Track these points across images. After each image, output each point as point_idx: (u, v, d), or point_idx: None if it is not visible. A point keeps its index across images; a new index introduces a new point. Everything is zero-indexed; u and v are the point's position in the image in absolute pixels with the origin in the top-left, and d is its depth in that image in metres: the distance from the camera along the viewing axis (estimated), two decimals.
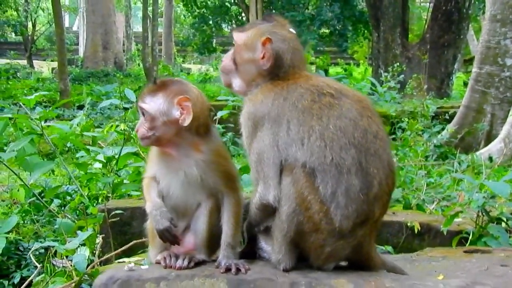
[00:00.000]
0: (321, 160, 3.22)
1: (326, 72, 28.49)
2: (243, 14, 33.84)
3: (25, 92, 21.72)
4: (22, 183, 6.87)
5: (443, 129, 13.52)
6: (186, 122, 3.38)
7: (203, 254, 3.51)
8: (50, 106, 13.65)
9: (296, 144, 3.26)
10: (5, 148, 7.97)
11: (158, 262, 3.50)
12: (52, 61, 33.85)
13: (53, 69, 31.06)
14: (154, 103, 3.43)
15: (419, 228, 5.54)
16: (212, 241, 3.50)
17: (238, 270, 3.30)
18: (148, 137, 3.45)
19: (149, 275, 3.33)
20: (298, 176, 3.24)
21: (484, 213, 5.34)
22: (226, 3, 35.12)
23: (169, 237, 3.39)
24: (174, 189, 3.48)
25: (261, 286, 3.21)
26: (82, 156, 7.53)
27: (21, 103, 7.30)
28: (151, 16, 29.15)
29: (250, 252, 3.61)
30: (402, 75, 19.29)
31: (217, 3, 34.75)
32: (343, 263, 3.53)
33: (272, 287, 3.20)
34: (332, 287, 3.19)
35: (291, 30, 3.62)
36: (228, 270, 3.31)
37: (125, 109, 7.88)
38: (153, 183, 3.52)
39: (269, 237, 3.45)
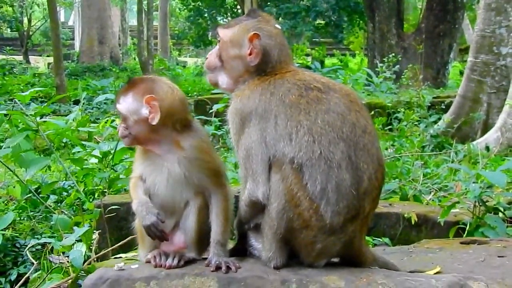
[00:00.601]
0: (309, 155, 3.18)
1: (322, 63, 28.48)
2: (238, 7, 33.77)
3: (21, 87, 21.80)
4: (18, 180, 6.84)
5: (439, 119, 13.51)
6: (155, 121, 3.38)
7: (193, 252, 3.48)
8: (46, 102, 13.62)
9: (284, 139, 3.23)
10: (0, 144, 7.94)
11: (148, 261, 3.48)
12: (48, 56, 33.90)
13: (49, 64, 31.05)
14: (125, 103, 3.46)
15: (416, 219, 5.54)
16: (202, 239, 3.48)
17: (228, 268, 3.28)
18: (126, 135, 3.48)
19: (139, 275, 3.30)
20: (287, 172, 3.20)
21: (481, 203, 5.35)
22: None
23: (157, 233, 3.36)
24: (160, 187, 3.46)
25: (251, 284, 3.19)
26: (78, 152, 7.50)
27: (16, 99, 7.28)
28: (146, 9, 29.15)
29: (240, 249, 3.58)
30: (398, 65, 19.25)
31: None
32: (335, 260, 3.50)
33: (263, 285, 3.18)
34: (323, 284, 3.17)
35: (277, 25, 3.59)
36: (218, 268, 3.28)
37: None
38: (139, 182, 3.50)
39: (259, 234, 3.42)
